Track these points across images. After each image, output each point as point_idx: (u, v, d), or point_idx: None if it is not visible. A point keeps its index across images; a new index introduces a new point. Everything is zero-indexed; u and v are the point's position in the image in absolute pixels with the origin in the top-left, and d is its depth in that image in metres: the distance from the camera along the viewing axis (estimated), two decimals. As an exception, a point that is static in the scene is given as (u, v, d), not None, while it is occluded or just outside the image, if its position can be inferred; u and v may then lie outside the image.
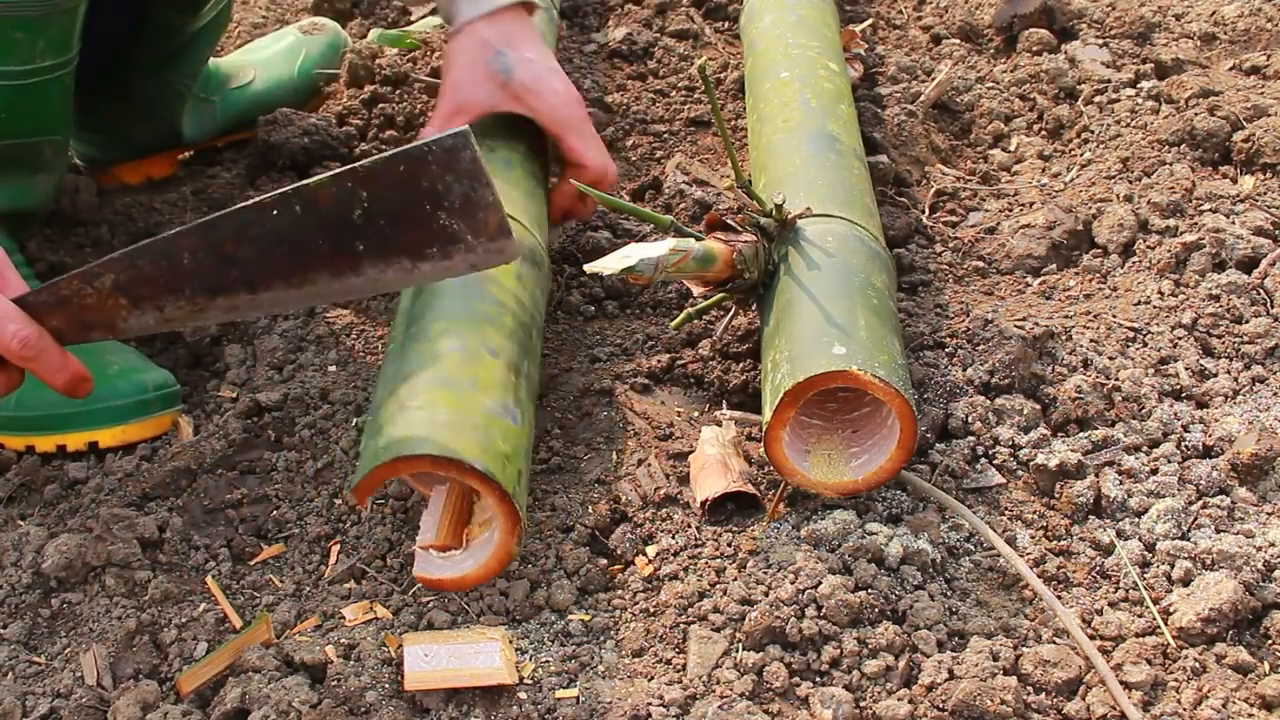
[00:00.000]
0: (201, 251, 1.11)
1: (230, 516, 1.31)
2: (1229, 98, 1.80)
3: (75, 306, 1.14)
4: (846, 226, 1.38)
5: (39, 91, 1.39)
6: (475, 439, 1.12)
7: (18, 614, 1.21)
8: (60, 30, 1.37)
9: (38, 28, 1.33)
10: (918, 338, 1.46)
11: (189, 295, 1.13)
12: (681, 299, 1.59)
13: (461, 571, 1.16)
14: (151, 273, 1.12)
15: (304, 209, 1.09)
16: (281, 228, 1.09)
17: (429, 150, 1.06)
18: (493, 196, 1.08)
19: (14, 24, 1.31)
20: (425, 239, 1.10)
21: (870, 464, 1.23)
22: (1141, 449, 1.32)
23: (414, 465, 1.11)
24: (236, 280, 1.12)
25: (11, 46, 1.33)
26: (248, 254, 1.11)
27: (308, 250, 1.10)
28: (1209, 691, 1.08)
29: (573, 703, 1.07)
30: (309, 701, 1.07)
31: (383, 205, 1.08)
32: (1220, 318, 1.46)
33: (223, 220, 1.10)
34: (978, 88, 1.99)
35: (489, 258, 1.11)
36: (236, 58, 1.96)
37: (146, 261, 1.12)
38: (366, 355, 1.48)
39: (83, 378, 1.20)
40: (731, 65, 2.03)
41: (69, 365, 1.18)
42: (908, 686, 1.09)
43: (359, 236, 1.10)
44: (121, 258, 1.12)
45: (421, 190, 1.08)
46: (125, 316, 1.14)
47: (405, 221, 1.09)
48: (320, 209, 1.09)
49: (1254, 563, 1.17)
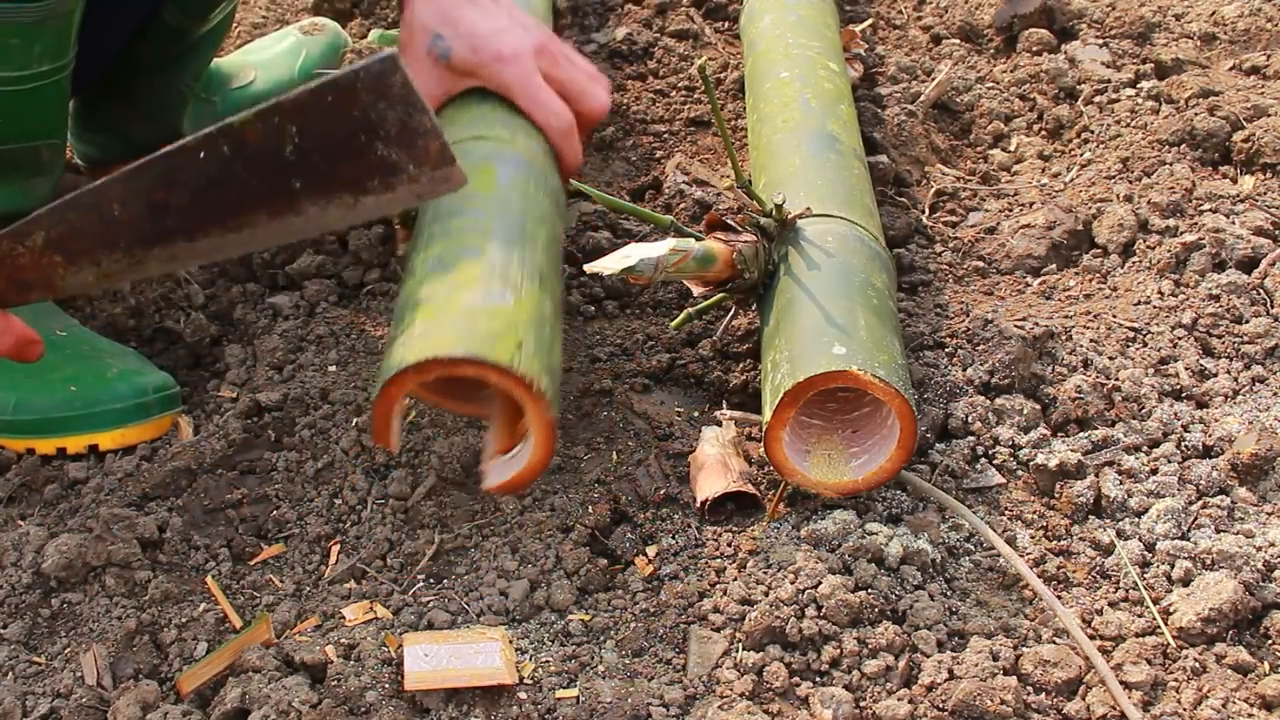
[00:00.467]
0: (131, 200, 1.06)
1: (230, 516, 1.31)
2: (1229, 98, 1.80)
3: (9, 267, 1.09)
4: (846, 226, 1.39)
5: (36, 96, 1.38)
6: (451, 333, 1.09)
7: (18, 614, 1.21)
8: (57, 34, 1.37)
9: (34, 33, 1.32)
10: (918, 338, 1.46)
11: (124, 248, 1.08)
12: (681, 299, 1.59)
13: (522, 463, 1.13)
14: (82, 226, 1.07)
15: (232, 149, 1.03)
16: (211, 170, 1.04)
17: (357, 77, 1.01)
18: (430, 123, 1.02)
19: (10, 30, 1.30)
20: (364, 172, 1.04)
21: (870, 464, 1.23)
22: (1141, 449, 1.32)
23: (401, 386, 1.08)
24: (172, 229, 1.07)
25: (8, 52, 1.32)
26: (180, 200, 1.05)
27: (242, 192, 1.05)
28: (1209, 691, 1.08)
29: (573, 703, 1.08)
30: (309, 701, 1.07)
31: (315, 139, 1.03)
32: (1220, 318, 1.46)
33: (149, 166, 1.05)
34: (978, 88, 1.99)
35: (434, 186, 1.05)
36: (237, 58, 1.96)
37: (75, 215, 1.07)
38: (366, 355, 1.48)
39: (29, 340, 1.16)
40: (731, 65, 2.03)
41: (11, 328, 1.14)
42: (908, 686, 1.09)
43: (294, 174, 1.04)
44: (49, 213, 1.07)
45: (354, 121, 1.02)
46: (62, 274, 1.10)
47: (341, 155, 1.04)
48: (249, 148, 1.03)
49: (1254, 563, 1.17)
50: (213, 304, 1.59)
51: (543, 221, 1.28)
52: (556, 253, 1.30)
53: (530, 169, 1.33)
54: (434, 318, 1.12)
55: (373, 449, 1.34)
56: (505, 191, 1.28)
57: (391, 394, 1.09)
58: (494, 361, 1.07)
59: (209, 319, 1.56)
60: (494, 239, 1.21)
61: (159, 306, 1.59)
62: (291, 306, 1.56)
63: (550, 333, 1.18)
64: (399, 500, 1.30)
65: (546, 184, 1.34)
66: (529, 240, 1.24)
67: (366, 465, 1.34)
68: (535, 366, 1.10)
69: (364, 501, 1.31)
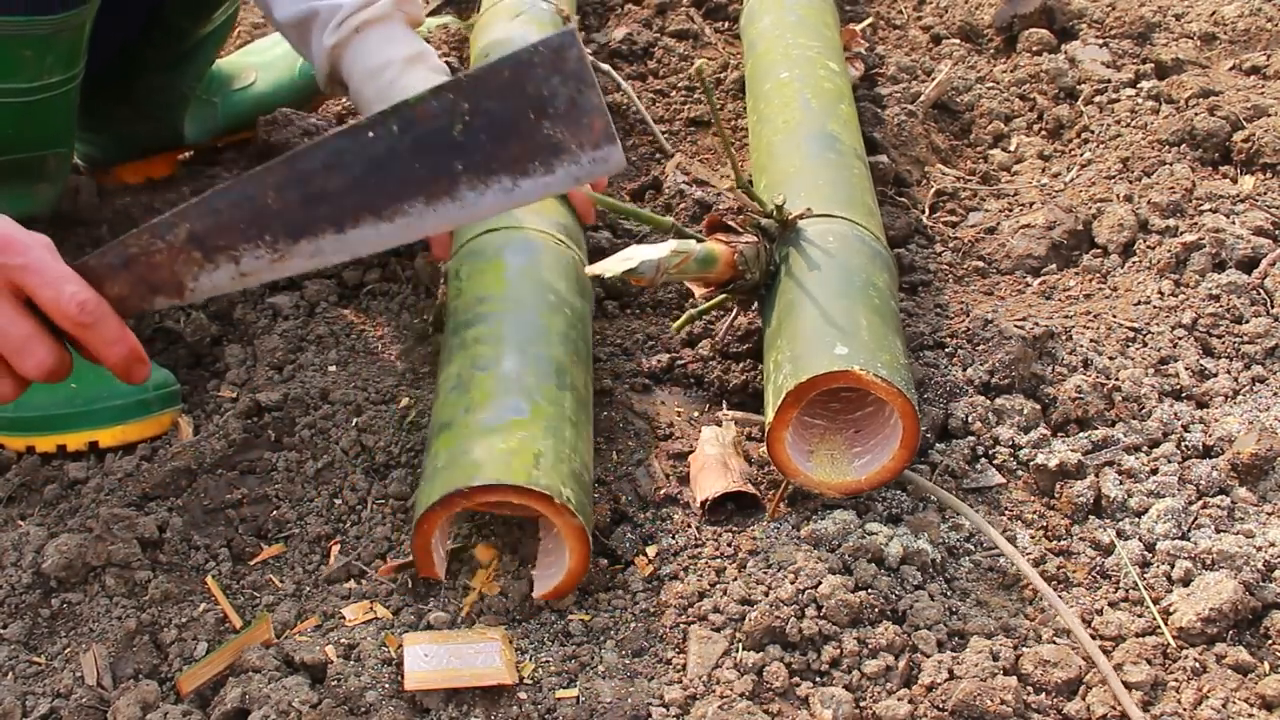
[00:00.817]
0: (289, 187, 1.02)
1: (230, 516, 1.31)
2: (1229, 98, 1.80)
3: (142, 266, 1.05)
4: (848, 226, 1.38)
5: (46, 106, 1.38)
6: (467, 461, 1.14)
7: (18, 614, 1.21)
8: (68, 46, 1.37)
9: (46, 45, 1.32)
10: (918, 338, 1.46)
11: (269, 242, 1.03)
12: (681, 298, 1.59)
13: (561, 571, 1.16)
14: (231, 217, 1.03)
15: (401, 129, 1.00)
16: (377, 151, 1.01)
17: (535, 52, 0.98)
18: (598, 100, 0.99)
19: (23, 42, 1.30)
20: (528, 152, 1.01)
21: (873, 464, 1.23)
22: (1141, 449, 1.32)
23: (433, 522, 1.13)
24: (323, 219, 1.03)
25: (19, 64, 1.32)
26: (338, 185, 1.02)
27: (403, 176, 1.02)
28: (1209, 691, 1.08)
29: (573, 703, 1.07)
30: (309, 701, 1.07)
31: (485, 118, 1.00)
32: (1220, 318, 1.46)
33: (315, 149, 1.02)
34: (978, 88, 1.99)
35: (593, 168, 1.02)
36: (238, 59, 1.96)
37: (226, 204, 1.03)
38: (366, 355, 1.48)
39: (139, 357, 1.10)
40: (731, 65, 2.03)
41: (126, 338, 1.08)
42: (908, 686, 1.09)
43: (458, 154, 1.01)
44: (198, 204, 1.03)
45: (527, 97, 0.99)
46: (196, 274, 1.05)
47: (507, 134, 1.00)
48: (418, 127, 1.00)
49: (1254, 563, 1.17)
50: (213, 304, 1.59)
51: (558, 308, 1.30)
52: (580, 332, 1.32)
53: (540, 252, 1.36)
54: (454, 444, 1.16)
55: (372, 449, 1.35)
56: (516, 286, 1.31)
57: (426, 530, 1.13)
58: (511, 483, 1.10)
59: (209, 319, 1.56)
60: (507, 345, 1.24)
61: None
62: (291, 306, 1.56)
63: (574, 430, 1.21)
64: (399, 500, 1.30)
65: (559, 262, 1.36)
66: (544, 335, 1.27)
67: (366, 465, 1.34)
68: (555, 477, 1.13)
69: (364, 501, 1.31)
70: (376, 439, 1.35)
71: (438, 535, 1.16)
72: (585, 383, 1.27)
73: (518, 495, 1.11)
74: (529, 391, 1.21)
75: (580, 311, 1.35)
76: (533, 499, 1.11)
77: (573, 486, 1.14)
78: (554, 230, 1.41)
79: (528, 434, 1.16)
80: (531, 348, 1.25)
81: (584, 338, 1.32)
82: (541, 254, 1.36)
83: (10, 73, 1.32)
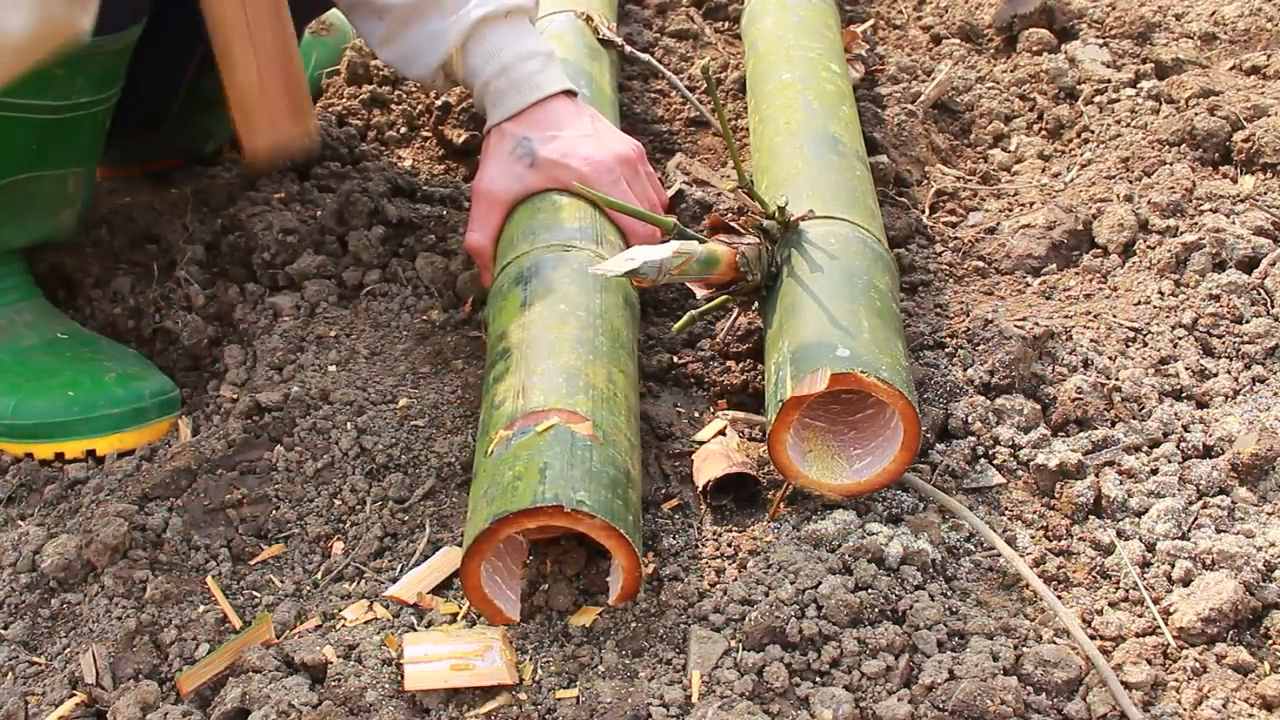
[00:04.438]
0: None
1: (230, 516, 1.31)
2: (1229, 98, 1.80)
3: None
4: (849, 228, 1.38)
5: (72, 126, 1.38)
6: (481, 508, 1.12)
7: (18, 614, 1.21)
8: (103, 69, 1.36)
9: (78, 66, 1.32)
10: (918, 338, 1.46)
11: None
12: (682, 298, 1.59)
13: (618, 585, 1.16)
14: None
15: None
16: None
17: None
18: None
19: (54, 62, 1.30)
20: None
21: (874, 466, 1.23)
22: (1141, 449, 1.32)
23: (479, 556, 1.11)
24: None
25: (49, 82, 1.32)
26: None
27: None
28: (1209, 691, 1.08)
29: (573, 703, 1.07)
30: (309, 702, 1.07)
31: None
32: (1220, 318, 1.46)
33: None
34: (978, 88, 1.99)
35: None
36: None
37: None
38: (366, 355, 1.48)
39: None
40: (732, 65, 2.03)
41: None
42: (908, 686, 1.09)
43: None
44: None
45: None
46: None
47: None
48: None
49: (1254, 563, 1.17)
50: (212, 304, 1.58)
51: (566, 317, 1.29)
52: (600, 329, 1.30)
53: (550, 268, 1.36)
54: (476, 491, 1.15)
55: (372, 450, 1.35)
56: (526, 314, 1.30)
57: (472, 567, 1.12)
58: (516, 509, 1.09)
59: (209, 319, 1.56)
60: (514, 376, 1.23)
61: (158, 307, 1.59)
62: (291, 307, 1.56)
63: (621, 453, 1.19)
64: (398, 501, 1.30)
65: (570, 269, 1.36)
66: (552, 349, 1.25)
67: (366, 466, 1.34)
68: (563, 484, 1.11)
69: (363, 502, 1.31)
70: (376, 439, 1.35)
71: (486, 584, 1.13)
72: (608, 376, 1.24)
73: (529, 518, 1.09)
74: (534, 411, 1.19)
75: (598, 308, 1.32)
76: (541, 516, 1.09)
77: (589, 486, 1.12)
78: (566, 240, 1.40)
79: (533, 450, 1.14)
80: (540, 366, 1.23)
81: (606, 332, 1.30)
82: (552, 270, 1.35)
83: (40, 90, 1.32)
